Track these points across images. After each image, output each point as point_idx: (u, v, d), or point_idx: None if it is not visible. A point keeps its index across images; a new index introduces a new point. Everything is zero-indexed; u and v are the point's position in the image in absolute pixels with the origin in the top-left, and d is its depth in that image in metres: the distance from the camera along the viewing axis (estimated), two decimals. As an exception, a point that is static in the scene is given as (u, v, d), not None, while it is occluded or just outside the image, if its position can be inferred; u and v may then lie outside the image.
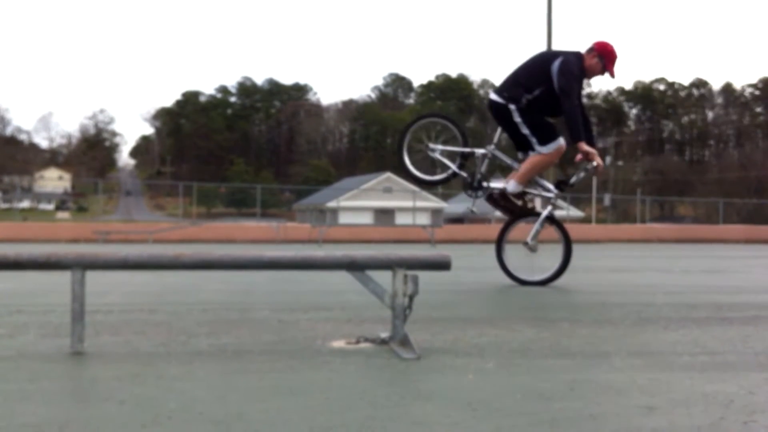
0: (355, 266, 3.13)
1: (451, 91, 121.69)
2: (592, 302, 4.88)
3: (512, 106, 5.73)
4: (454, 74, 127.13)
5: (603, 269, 8.81)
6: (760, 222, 34.22)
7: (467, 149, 6.09)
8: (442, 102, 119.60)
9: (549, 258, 5.95)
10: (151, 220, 48.03)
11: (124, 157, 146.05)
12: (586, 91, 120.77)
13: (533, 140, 5.74)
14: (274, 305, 4.63)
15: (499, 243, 6.16)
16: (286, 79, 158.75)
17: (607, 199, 50.00)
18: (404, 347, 3.01)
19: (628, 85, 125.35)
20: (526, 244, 5.90)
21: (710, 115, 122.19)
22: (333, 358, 2.88)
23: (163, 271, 6.32)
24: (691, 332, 3.62)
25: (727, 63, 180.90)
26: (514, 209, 6.01)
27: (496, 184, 6.06)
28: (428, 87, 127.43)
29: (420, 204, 45.54)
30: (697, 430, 1.97)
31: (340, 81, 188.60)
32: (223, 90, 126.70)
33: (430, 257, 3.21)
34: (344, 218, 43.08)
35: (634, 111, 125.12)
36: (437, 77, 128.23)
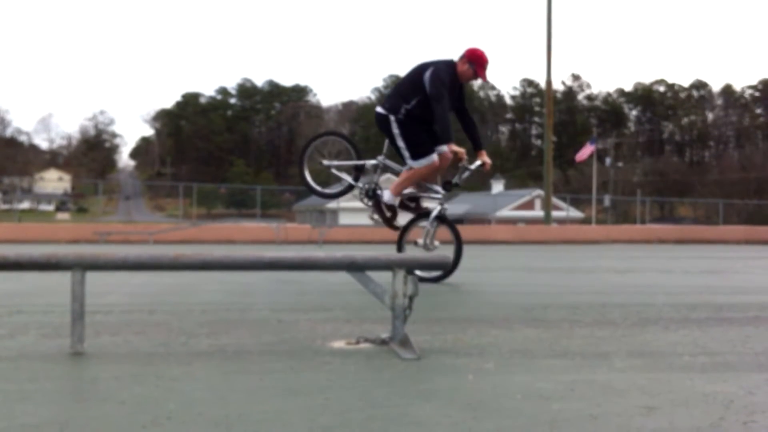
0: (355, 267, 3.13)
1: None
2: (593, 303, 4.87)
3: (392, 117, 5.98)
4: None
5: (603, 270, 8.81)
6: (760, 223, 34.22)
7: (359, 162, 6.41)
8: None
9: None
10: (151, 221, 48.04)
11: (124, 159, 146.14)
12: (586, 92, 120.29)
13: (406, 154, 6.00)
14: (274, 306, 4.63)
15: (399, 243, 6.37)
16: (286, 81, 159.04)
17: (607, 200, 50.00)
18: (404, 348, 3.01)
19: (628, 87, 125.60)
20: (416, 243, 6.13)
21: (710, 116, 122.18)
22: (333, 359, 2.88)
23: (163, 272, 6.31)
24: (691, 333, 3.62)
25: (726, 64, 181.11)
26: (393, 218, 6.29)
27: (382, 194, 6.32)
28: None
29: (420, 205, 45.46)
30: (697, 431, 1.97)
31: (340, 82, 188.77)
32: (223, 91, 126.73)
33: (430, 258, 3.21)
34: (344, 219, 43.05)
35: (634, 112, 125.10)
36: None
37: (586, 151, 39.35)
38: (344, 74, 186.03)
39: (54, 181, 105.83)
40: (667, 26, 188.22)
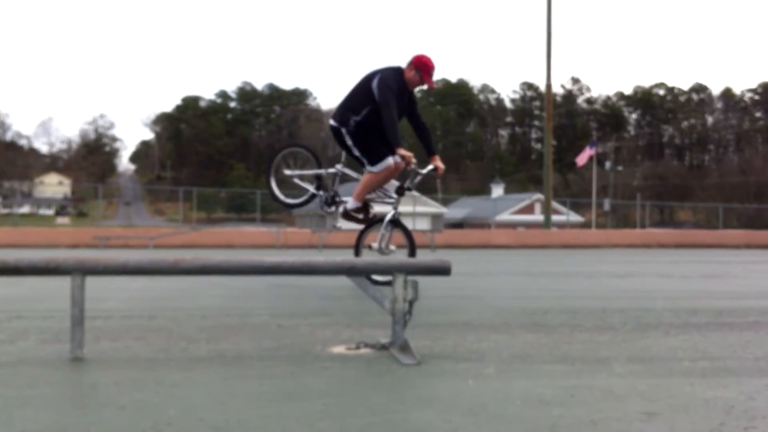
0: (355, 271, 3.13)
1: (451, 96, 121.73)
2: (593, 307, 4.87)
3: (343, 130, 6.13)
4: (453, 79, 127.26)
5: (603, 274, 8.81)
6: (760, 227, 34.21)
7: (319, 171, 6.62)
8: (442, 107, 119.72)
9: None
10: (151, 226, 48.03)
11: (124, 162, 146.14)
12: (586, 96, 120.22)
13: (364, 160, 6.14)
14: (274, 311, 4.63)
15: (357, 248, 6.43)
16: (286, 84, 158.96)
17: (606, 204, 49.99)
18: (404, 353, 3.01)
19: (628, 90, 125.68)
20: (370, 247, 6.27)
21: (710, 120, 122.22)
22: (333, 364, 2.88)
23: (163, 277, 6.31)
24: (691, 338, 3.62)
25: (726, 68, 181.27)
26: (363, 221, 6.39)
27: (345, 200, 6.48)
28: (428, 92, 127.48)
29: (420, 209, 45.50)
30: (697, 436, 1.97)
31: (339, 86, 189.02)
32: (223, 95, 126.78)
33: (429, 263, 3.21)
34: (344, 224, 43.02)
35: (633, 116, 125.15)
36: (437, 82, 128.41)
37: (585, 155, 39.38)
38: (344, 78, 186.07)
39: (54, 186, 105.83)
40: (667, 29, 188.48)
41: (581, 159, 39.75)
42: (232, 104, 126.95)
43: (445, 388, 2.50)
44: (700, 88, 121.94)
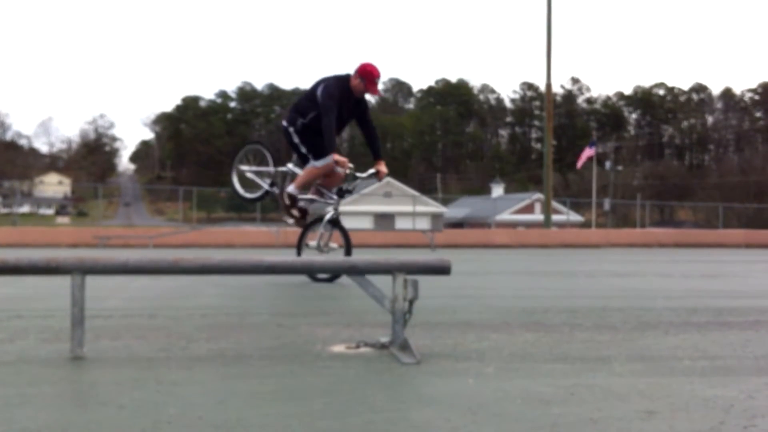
0: (355, 271, 3.13)
1: (451, 96, 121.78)
2: (593, 307, 4.87)
3: (291, 129, 6.53)
4: (453, 79, 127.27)
5: (603, 274, 8.81)
6: (760, 226, 34.20)
7: (271, 168, 7.02)
8: (442, 107, 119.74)
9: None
10: (151, 225, 47.99)
11: (124, 162, 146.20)
12: (586, 96, 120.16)
13: (310, 156, 6.50)
14: (274, 310, 4.63)
15: (299, 247, 6.83)
16: (286, 84, 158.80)
17: (606, 204, 49.98)
18: (404, 352, 3.01)
19: (628, 90, 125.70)
20: (307, 246, 6.67)
21: (710, 119, 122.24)
22: (333, 363, 2.88)
23: (163, 276, 6.31)
24: (691, 337, 3.62)
25: (726, 68, 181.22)
26: (299, 223, 6.80)
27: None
28: (428, 92, 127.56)
29: (420, 209, 45.51)
30: (697, 435, 1.97)
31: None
32: (223, 95, 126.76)
33: (429, 262, 3.21)
34: (344, 223, 43.03)
35: (633, 116, 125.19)
36: (437, 82, 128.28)
37: (585, 155, 39.39)
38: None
39: (54, 185, 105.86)
40: (667, 29, 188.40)
41: (581, 159, 39.78)
42: (232, 104, 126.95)
43: (445, 387, 2.50)
44: (700, 88, 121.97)
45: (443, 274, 3.20)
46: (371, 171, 6.69)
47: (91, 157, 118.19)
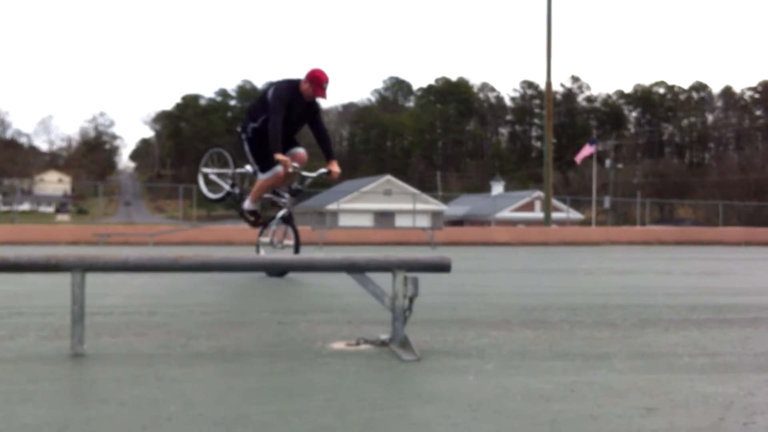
0: (355, 268, 3.13)
1: (451, 95, 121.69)
2: (593, 304, 4.88)
3: (243, 136, 6.82)
4: (453, 77, 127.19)
5: (603, 271, 8.81)
6: (759, 224, 34.21)
7: (231, 170, 7.32)
8: (442, 105, 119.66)
9: (288, 254, 6.55)
10: (151, 223, 48.00)
11: (124, 160, 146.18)
12: (586, 94, 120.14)
13: (256, 168, 6.84)
14: (274, 307, 4.63)
15: (257, 244, 7.16)
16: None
17: (606, 202, 50.00)
18: (404, 349, 3.01)
19: (628, 88, 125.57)
20: (261, 242, 6.97)
21: (710, 118, 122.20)
22: (333, 360, 2.88)
23: (163, 273, 6.32)
24: (691, 334, 3.62)
25: (726, 66, 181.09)
26: (255, 224, 7.10)
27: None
28: (428, 90, 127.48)
29: (420, 206, 45.52)
30: (697, 432, 1.97)
31: (340, 84, 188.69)
32: (223, 93, 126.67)
33: (430, 259, 3.21)
34: (344, 221, 43.08)
35: (633, 114, 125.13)
36: (437, 80, 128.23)
37: (584, 152, 39.37)
38: (344, 76, 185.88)
39: (54, 183, 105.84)
40: (667, 28, 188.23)
41: (580, 155, 39.76)
42: (232, 102, 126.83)
43: (445, 384, 2.50)
44: (700, 87, 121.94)
45: (443, 271, 3.20)
46: (322, 170, 6.99)
47: (91, 155, 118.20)
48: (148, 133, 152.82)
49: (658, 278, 7.71)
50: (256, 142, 6.70)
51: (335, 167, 6.92)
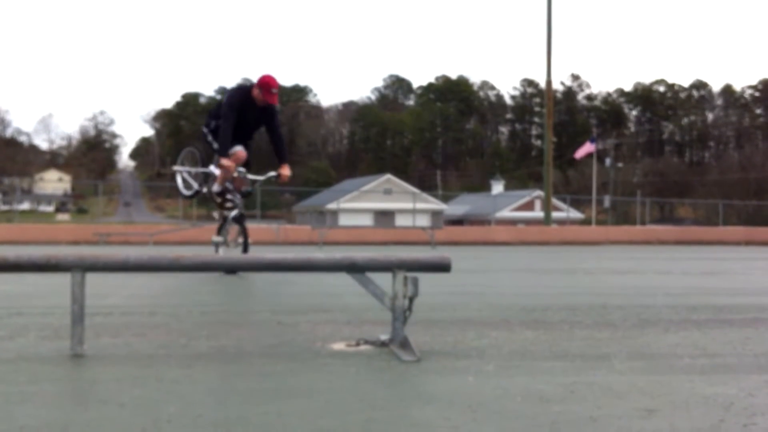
0: (355, 268, 3.13)
1: (451, 93, 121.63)
2: (592, 304, 4.87)
3: (205, 130, 7.35)
4: (453, 76, 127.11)
5: (603, 271, 8.81)
6: (760, 224, 34.21)
7: (199, 169, 7.71)
8: (442, 103, 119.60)
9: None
10: (151, 222, 48.00)
11: (124, 159, 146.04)
12: (586, 92, 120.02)
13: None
14: (274, 307, 4.63)
15: (214, 243, 7.51)
16: (286, 81, 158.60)
17: (607, 201, 49.96)
18: (404, 349, 3.01)
19: (628, 87, 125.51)
20: (215, 241, 7.39)
21: (710, 116, 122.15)
22: (333, 361, 2.88)
23: (163, 273, 6.31)
24: (691, 334, 3.62)
25: (726, 64, 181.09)
26: (223, 203, 7.38)
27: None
28: (428, 88, 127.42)
29: (420, 206, 45.51)
30: (697, 433, 1.97)
31: (340, 82, 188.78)
32: (223, 91, 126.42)
33: (430, 259, 3.21)
34: (344, 220, 43.08)
35: (633, 112, 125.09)
36: (437, 79, 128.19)
37: (585, 149, 39.37)
38: (344, 74, 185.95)
39: (54, 182, 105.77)
40: (667, 26, 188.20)
41: (580, 152, 39.75)
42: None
43: (445, 385, 2.50)
44: (700, 85, 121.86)
45: (443, 271, 3.20)
46: (271, 173, 7.34)
47: (91, 153, 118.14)
48: (148, 131, 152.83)
49: (658, 278, 7.71)
50: (213, 136, 7.20)
51: (285, 170, 7.23)
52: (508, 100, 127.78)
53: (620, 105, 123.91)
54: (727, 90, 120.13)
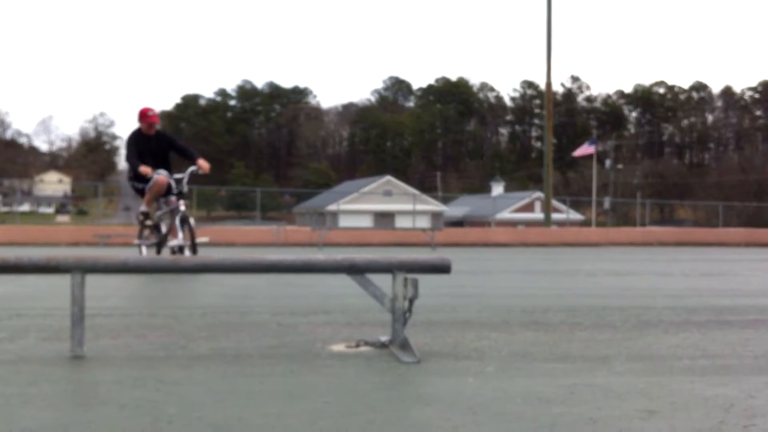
0: (355, 270, 3.13)
1: (451, 95, 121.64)
2: (593, 306, 4.87)
3: (130, 175, 8.32)
4: (454, 77, 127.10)
5: (603, 272, 8.81)
6: (760, 225, 34.19)
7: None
8: (442, 105, 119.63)
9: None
10: (151, 224, 47.87)
11: (124, 161, 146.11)
12: (586, 94, 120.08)
13: (144, 186, 8.18)
14: (274, 309, 4.63)
15: (138, 245, 8.49)
16: (286, 83, 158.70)
17: (606, 203, 50.00)
18: (404, 351, 3.01)
19: (628, 88, 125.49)
20: (139, 243, 8.43)
21: (710, 118, 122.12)
22: (333, 362, 2.88)
23: (163, 275, 6.32)
24: (691, 336, 3.62)
25: (726, 66, 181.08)
26: (144, 221, 8.41)
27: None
28: (428, 90, 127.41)
29: (420, 207, 45.52)
30: (697, 434, 1.97)
31: (340, 84, 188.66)
32: (223, 93, 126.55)
33: (430, 261, 3.21)
34: (344, 221, 43.09)
35: (633, 114, 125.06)
36: (437, 80, 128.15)
37: (584, 149, 39.37)
38: (344, 76, 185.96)
39: (54, 184, 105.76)
40: (667, 28, 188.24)
41: (578, 151, 39.76)
42: (232, 102, 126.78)
43: (445, 386, 2.50)
44: (700, 87, 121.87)
45: (443, 272, 3.20)
46: (192, 168, 8.10)
47: (91, 155, 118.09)
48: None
49: (658, 280, 7.71)
50: (134, 175, 8.20)
51: (202, 162, 8.09)
52: (508, 102, 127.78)
53: (620, 106, 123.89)
54: (727, 92, 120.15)
